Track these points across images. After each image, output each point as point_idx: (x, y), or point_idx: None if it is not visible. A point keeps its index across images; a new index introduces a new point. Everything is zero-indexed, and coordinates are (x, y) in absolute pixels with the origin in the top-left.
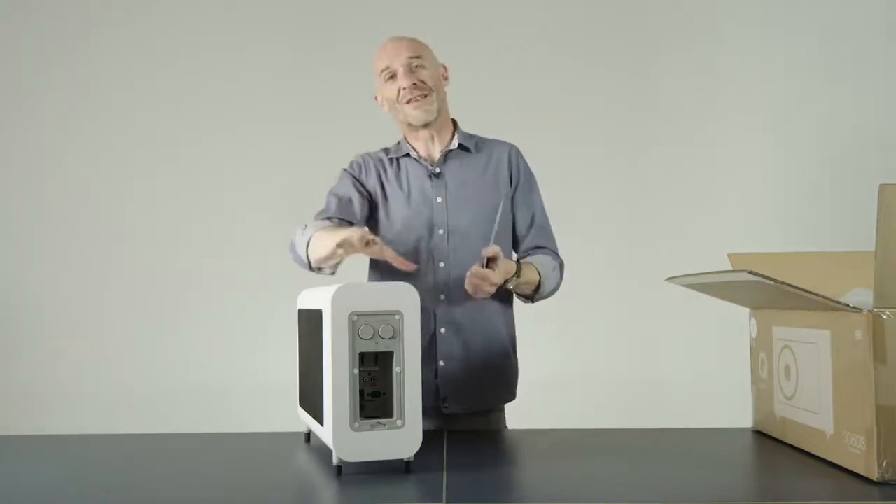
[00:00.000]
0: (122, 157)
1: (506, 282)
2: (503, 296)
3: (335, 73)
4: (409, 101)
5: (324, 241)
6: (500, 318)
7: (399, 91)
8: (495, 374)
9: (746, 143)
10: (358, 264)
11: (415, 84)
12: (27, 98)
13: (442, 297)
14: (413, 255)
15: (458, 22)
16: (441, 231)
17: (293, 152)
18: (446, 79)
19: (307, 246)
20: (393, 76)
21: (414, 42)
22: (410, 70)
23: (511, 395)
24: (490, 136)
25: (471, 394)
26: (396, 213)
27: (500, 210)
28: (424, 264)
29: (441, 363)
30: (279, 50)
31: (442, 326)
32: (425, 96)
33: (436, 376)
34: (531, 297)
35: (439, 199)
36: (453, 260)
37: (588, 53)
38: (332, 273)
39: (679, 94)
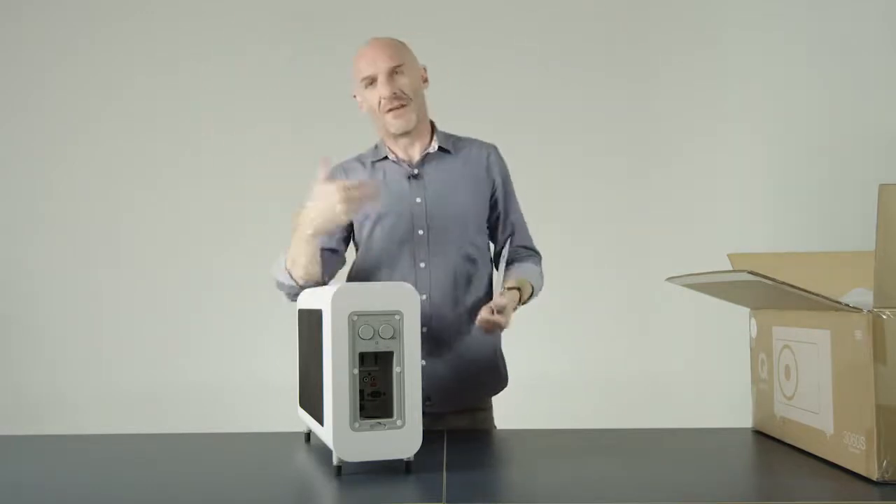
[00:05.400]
0: (119, 158)
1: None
2: (486, 295)
3: (336, 75)
4: (389, 111)
5: (296, 249)
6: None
7: (380, 100)
8: (480, 371)
9: (746, 145)
10: (349, 263)
11: (394, 94)
12: (25, 98)
13: (423, 296)
14: (395, 256)
15: (457, 24)
16: (421, 232)
17: (294, 152)
18: (426, 80)
19: (285, 266)
20: (373, 83)
21: (393, 46)
22: (390, 79)
23: (498, 389)
24: (471, 137)
25: (455, 392)
26: (377, 216)
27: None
28: (406, 266)
29: (423, 362)
30: (281, 51)
31: (424, 325)
32: (404, 106)
33: None
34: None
35: (418, 200)
36: (433, 260)
37: (589, 56)
38: (326, 282)
39: (679, 96)
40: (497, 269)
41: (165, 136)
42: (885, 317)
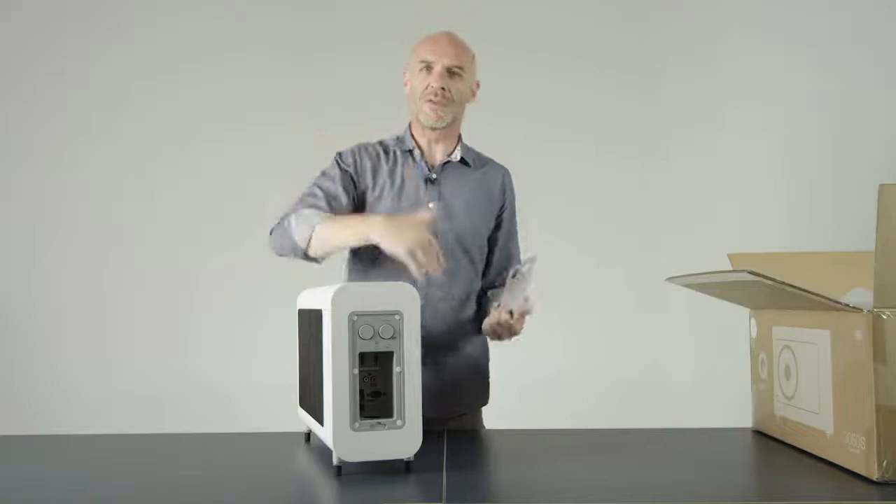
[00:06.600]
0: (119, 158)
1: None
2: (481, 309)
3: (336, 74)
4: (428, 101)
5: (340, 233)
6: (475, 327)
7: (427, 86)
8: (468, 381)
9: (747, 145)
10: (336, 257)
11: (443, 88)
12: (25, 99)
13: (422, 302)
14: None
15: (457, 24)
16: None
17: (294, 152)
18: (473, 95)
19: (310, 237)
20: (428, 68)
21: (464, 50)
22: (447, 74)
23: (483, 401)
24: (487, 153)
25: (444, 400)
26: (385, 206)
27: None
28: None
29: None
30: (280, 50)
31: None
32: (445, 105)
33: None
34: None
35: (431, 205)
36: None
37: (589, 56)
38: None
39: (680, 95)
40: (486, 291)
41: (165, 136)
42: (885, 317)
